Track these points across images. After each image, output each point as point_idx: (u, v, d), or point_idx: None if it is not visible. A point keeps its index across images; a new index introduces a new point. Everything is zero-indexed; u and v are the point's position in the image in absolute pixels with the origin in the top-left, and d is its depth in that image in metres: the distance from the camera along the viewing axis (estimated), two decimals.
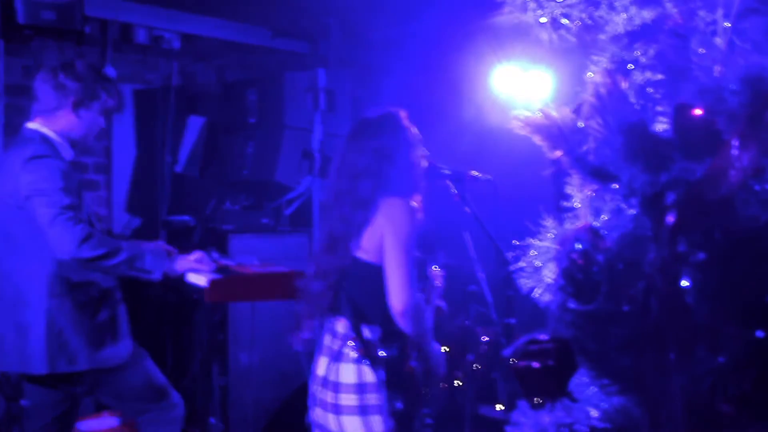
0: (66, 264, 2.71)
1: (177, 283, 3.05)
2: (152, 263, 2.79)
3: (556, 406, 1.72)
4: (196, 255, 2.99)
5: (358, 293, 2.38)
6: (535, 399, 1.73)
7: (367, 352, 2.30)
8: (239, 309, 4.01)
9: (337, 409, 2.32)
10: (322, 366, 2.40)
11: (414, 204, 2.39)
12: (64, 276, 2.74)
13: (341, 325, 2.38)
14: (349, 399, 2.31)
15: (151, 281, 2.83)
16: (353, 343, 2.32)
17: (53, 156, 2.74)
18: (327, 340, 2.42)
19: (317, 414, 2.41)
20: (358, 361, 2.32)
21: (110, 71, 4.48)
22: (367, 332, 2.33)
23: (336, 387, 2.33)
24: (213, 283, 2.91)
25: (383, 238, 2.33)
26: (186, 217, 4.39)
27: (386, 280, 2.32)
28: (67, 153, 2.84)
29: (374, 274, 2.35)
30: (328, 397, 2.34)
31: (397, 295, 2.30)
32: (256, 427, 4.09)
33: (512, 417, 1.80)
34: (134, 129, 4.70)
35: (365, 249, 2.35)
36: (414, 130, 2.46)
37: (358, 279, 2.37)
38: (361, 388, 2.30)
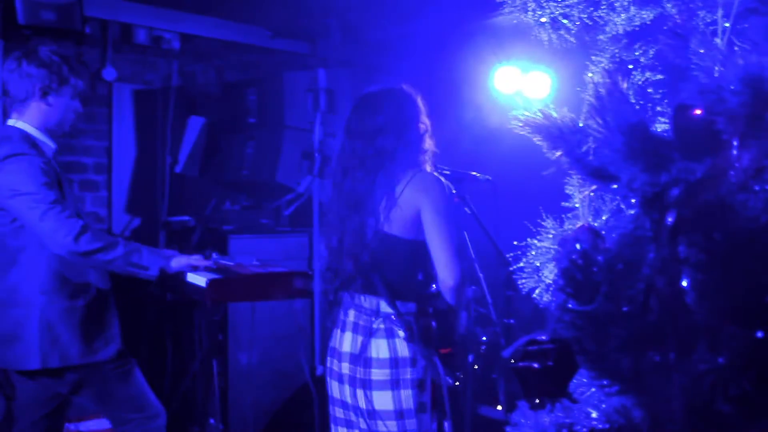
0: (59, 261, 2.70)
1: (177, 283, 3.05)
2: (149, 259, 2.77)
3: (556, 406, 1.72)
4: (195, 257, 2.99)
5: (389, 268, 2.34)
6: (535, 400, 1.73)
7: (408, 331, 2.28)
8: (239, 309, 4.01)
9: (367, 384, 2.31)
10: (347, 341, 2.38)
11: (440, 176, 2.38)
12: (57, 273, 2.73)
13: (369, 301, 2.35)
14: (381, 374, 2.30)
15: (148, 278, 2.81)
16: (396, 322, 2.29)
17: (30, 153, 2.70)
18: (351, 316, 2.39)
19: (341, 390, 2.39)
20: (391, 336, 2.30)
21: (110, 71, 4.48)
22: (402, 308, 2.31)
23: (367, 362, 2.31)
24: (212, 283, 2.91)
25: (420, 213, 2.31)
26: (186, 218, 4.39)
27: (433, 255, 2.30)
28: (48, 148, 2.81)
29: (406, 248, 2.33)
30: (358, 372, 2.32)
31: (448, 270, 2.28)
32: (255, 427, 4.09)
33: (512, 418, 1.80)
34: (134, 129, 4.70)
35: (396, 223, 2.32)
36: (420, 100, 2.47)
37: (387, 254, 2.34)
38: (394, 362, 2.29)
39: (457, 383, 4.16)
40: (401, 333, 2.28)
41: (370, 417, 2.31)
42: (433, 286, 2.38)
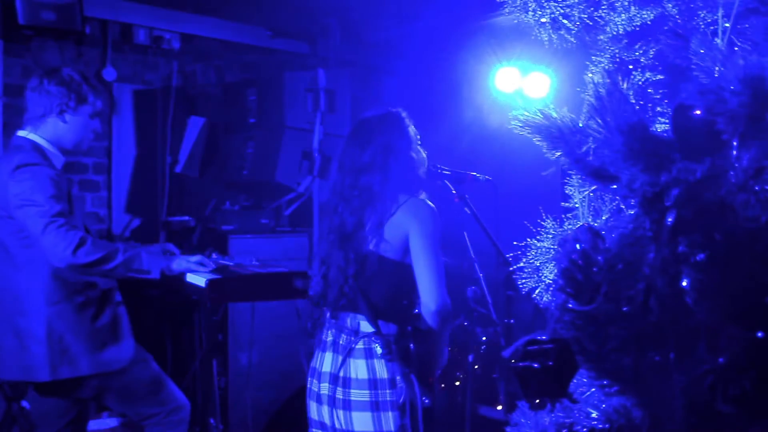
0: (65, 270, 2.70)
1: (177, 284, 3.05)
2: (149, 263, 2.77)
3: (556, 406, 1.72)
4: (196, 257, 2.99)
5: (374, 289, 2.34)
6: (535, 400, 1.73)
7: (387, 349, 2.28)
8: (239, 309, 4.01)
9: (347, 405, 2.30)
10: (328, 362, 2.37)
11: (432, 204, 2.40)
12: (62, 281, 2.73)
13: (351, 321, 2.36)
14: (360, 395, 2.29)
15: (151, 281, 2.81)
16: (376, 340, 2.29)
17: (42, 164, 2.71)
18: (332, 335, 2.40)
19: (319, 410, 2.39)
20: (369, 356, 2.30)
21: (110, 71, 4.48)
22: (384, 328, 2.31)
23: (347, 383, 2.31)
24: (212, 283, 2.91)
25: (409, 238, 2.32)
26: (186, 218, 4.39)
27: (418, 278, 2.32)
28: (58, 160, 2.82)
29: (392, 269, 2.34)
30: (338, 393, 2.32)
31: (431, 294, 2.30)
32: (255, 427, 4.09)
33: (512, 418, 1.80)
34: (134, 129, 4.70)
35: (384, 244, 2.33)
36: (413, 129, 2.47)
37: (373, 274, 2.34)
38: (373, 383, 2.29)
39: (458, 383, 4.16)
40: (379, 349, 2.28)
41: None
42: (416, 309, 2.39)
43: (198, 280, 2.96)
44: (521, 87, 4.33)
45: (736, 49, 1.56)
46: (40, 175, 2.67)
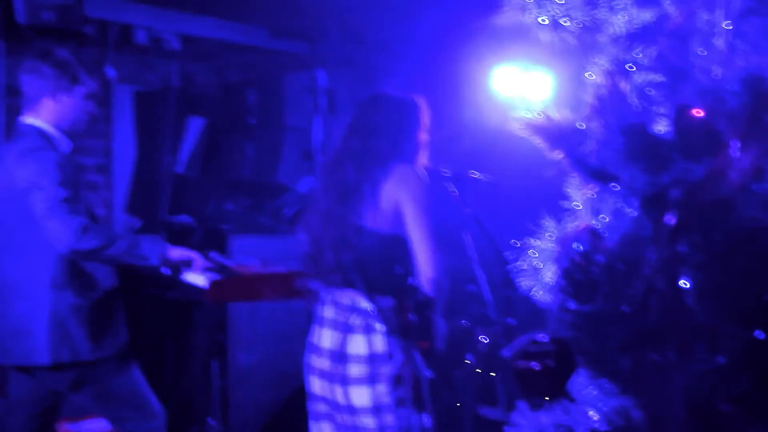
0: (68, 256, 2.71)
1: (177, 283, 3.04)
2: (149, 249, 2.78)
3: (555, 406, 1.72)
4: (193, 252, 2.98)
5: (368, 264, 2.35)
6: (535, 400, 1.74)
7: (387, 324, 2.29)
8: (239, 309, 4.01)
9: (345, 380, 2.32)
10: (326, 338, 2.38)
11: (420, 170, 2.40)
12: (67, 268, 2.75)
13: (348, 297, 2.36)
14: (358, 370, 2.30)
15: (152, 279, 2.81)
16: (374, 316, 2.30)
17: (49, 148, 2.74)
18: (329, 312, 2.41)
19: (320, 386, 2.40)
20: (368, 332, 2.31)
21: (110, 72, 4.48)
22: (381, 303, 2.32)
23: (345, 358, 2.32)
24: (213, 283, 2.91)
25: (399, 206, 2.33)
26: (186, 218, 4.39)
27: (414, 247, 2.32)
28: (65, 145, 2.83)
29: (385, 243, 2.34)
30: (336, 368, 2.33)
31: (428, 262, 2.30)
32: (255, 428, 4.09)
33: (511, 418, 1.80)
34: (134, 130, 4.70)
35: (375, 218, 2.34)
36: (427, 114, 2.49)
37: (367, 249, 2.35)
38: (371, 358, 2.30)
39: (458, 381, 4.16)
40: (380, 327, 2.29)
41: (349, 413, 2.32)
42: (411, 280, 2.39)
43: (199, 280, 2.96)
44: (521, 87, 4.33)
45: (736, 49, 1.56)
46: (46, 160, 2.69)
